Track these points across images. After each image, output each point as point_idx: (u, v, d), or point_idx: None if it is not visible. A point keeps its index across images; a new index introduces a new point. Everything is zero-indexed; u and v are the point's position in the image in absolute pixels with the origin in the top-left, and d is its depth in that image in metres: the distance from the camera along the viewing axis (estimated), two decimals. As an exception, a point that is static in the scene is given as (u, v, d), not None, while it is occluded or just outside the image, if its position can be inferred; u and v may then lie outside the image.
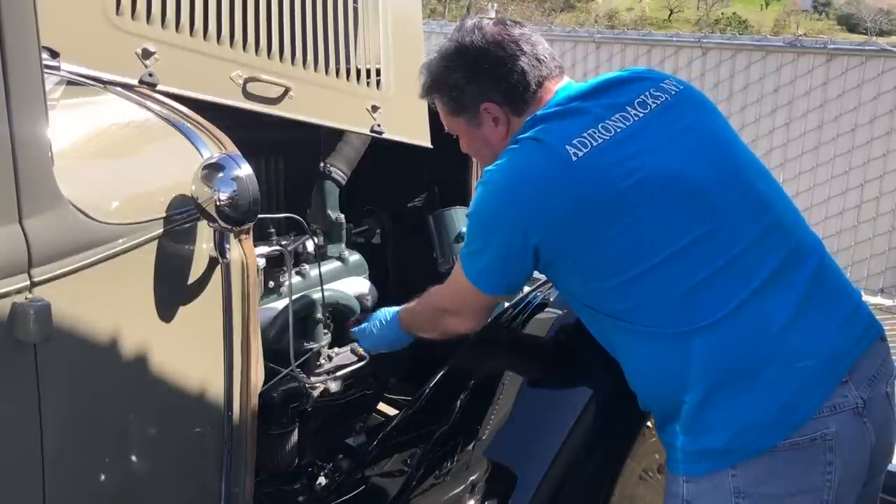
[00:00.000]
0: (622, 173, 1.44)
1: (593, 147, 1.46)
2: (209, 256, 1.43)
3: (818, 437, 1.39)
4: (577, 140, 1.46)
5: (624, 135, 1.48)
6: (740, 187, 1.50)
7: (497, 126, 1.62)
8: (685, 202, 1.45)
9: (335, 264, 2.10)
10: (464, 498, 1.69)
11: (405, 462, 1.87)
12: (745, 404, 1.39)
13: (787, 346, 1.40)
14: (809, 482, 1.40)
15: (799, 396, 1.39)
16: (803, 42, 5.61)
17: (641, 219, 1.43)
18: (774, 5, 46.41)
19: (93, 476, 1.32)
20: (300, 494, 1.97)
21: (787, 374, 1.39)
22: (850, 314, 1.48)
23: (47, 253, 1.16)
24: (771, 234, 1.48)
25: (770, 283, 1.42)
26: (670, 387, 1.45)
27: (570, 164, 1.44)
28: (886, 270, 5.30)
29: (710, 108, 1.62)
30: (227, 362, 1.47)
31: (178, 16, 1.61)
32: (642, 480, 1.94)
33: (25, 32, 1.10)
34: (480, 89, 1.60)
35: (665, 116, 1.53)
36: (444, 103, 1.67)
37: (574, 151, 1.45)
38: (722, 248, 1.43)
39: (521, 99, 1.59)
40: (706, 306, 1.41)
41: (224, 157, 1.36)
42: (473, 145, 1.71)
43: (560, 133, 1.49)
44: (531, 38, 1.61)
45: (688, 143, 1.51)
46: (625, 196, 1.44)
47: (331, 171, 2.07)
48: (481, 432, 1.80)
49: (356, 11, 1.96)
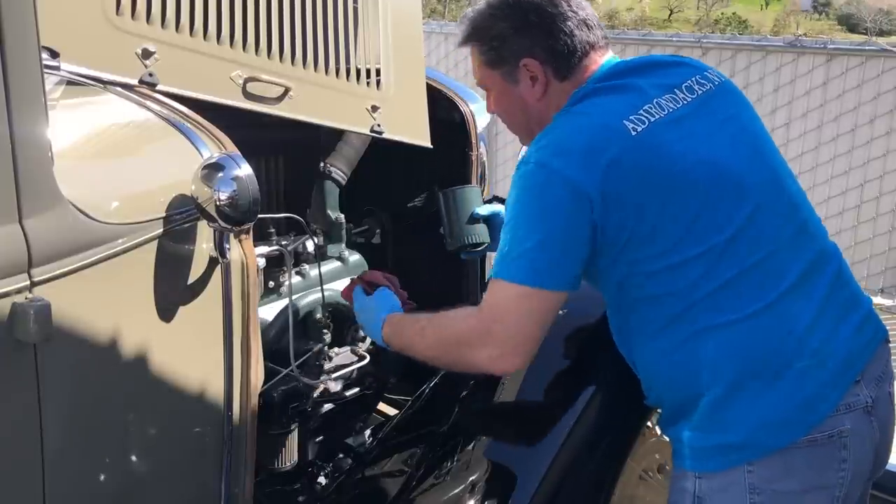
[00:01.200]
0: (679, 152, 1.42)
1: (651, 123, 1.42)
2: (209, 256, 1.43)
3: (835, 434, 1.41)
4: (634, 116, 1.42)
5: (675, 116, 1.45)
6: (776, 185, 1.50)
7: (534, 86, 1.55)
8: (729, 194, 1.43)
9: (335, 264, 2.10)
10: (464, 498, 1.69)
11: (405, 462, 1.87)
12: (767, 401, 1.40)
13: (810, 347, 1.41)
14: (824, 479, 1.42)
15: (818, 395, 1.41)
16: (803, 42, 5.61)
17: (693, 203, 1.41)
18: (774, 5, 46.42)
19: (93, 476, 1.32)
20: (300, 494, 1.97)
21: (808, 373, 1.40)
22: (864, 317, 1.51)
23: (47, 253, 1.16)
24: (801, 235, 1.49)
25: (798, 284, 1.44)
26: (691, 381, 1.44)
27: (630, 138, 1.40)
28: (886, 270, 5.30)
29: (747, 104, 1.61)
30: (227, 362, 1.47)
31: (178, 16, 1.61)
32: (642, 480, 1.95)
33: (25, 32, 1.10)
34: (524, 43, 1.54)
35: (710, 104, 1.51)
36: (482, 53, 1.60)
37: (633, 126, 1.41)
38: (757, 245, 1.43)
39: (565, 62, 1.53)
40: (737, 302, 1.41)
41: (224, 156, 1.36)
42: (504, 103, 1.62)
43: (615, 107, 1.44)
44: (581, 2, 1.57)
45: (731, 135, 1.49)
46: (684, 175, 1.41)
47: (331, 171, 2.07)
48: (481, 432, 1.80)
49: (356, 11, 1.96)
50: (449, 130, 2.21)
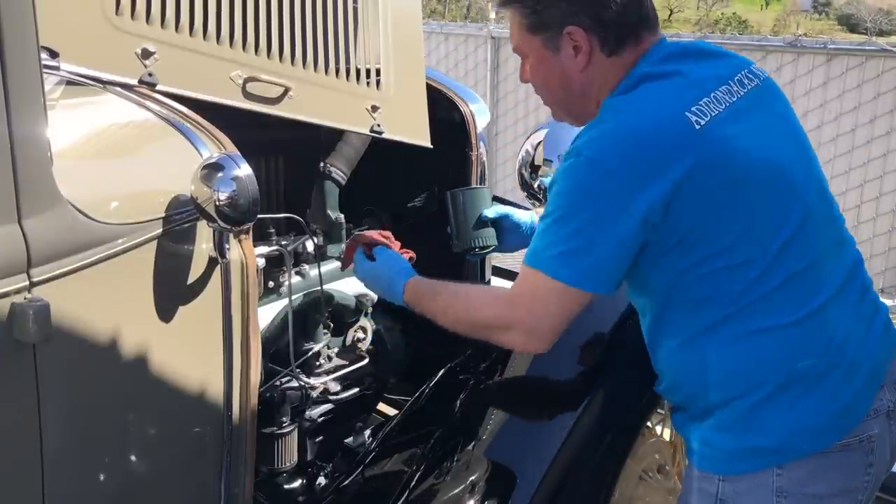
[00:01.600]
0: (741, 148, 1.35)
1: (713, 117, 1.35)
2: (209, 256, 1.43)
3: (864, 438, 1.41)
4: (695, 108, 1.34)
5: (732, 110, 1.38)
6: (821, 189, 1.47)
7: (577, 56, 1.43)
8: (784, 195, 1.39)
9: (335, 264, 2.10)
10: (464, 498, 1.69)
11: (405, 462, 1.87)
12: (805, 407, 1.38)
13: (847, 355, 1.41)
14: (851, 483, 1.42)
15: (853, 401, 1.41)
16: (803, 42, 5.61)
17: (754, 203, 1.36)
18: (774, 5, 46.40)
19: (92, 476, 1.32)
20: (300, 494, 1.97)
21: (845, 380, 1.40)
22: (885, 323, 1.51)
23: (46, 253, 1.16)
24: (841, 246, 1.48)
25: (838, 292, 1.42)
26: (730, 384, 1.40)
27: (694, 132, 1.32)
28: (886, 270, 5.30)
29: (788, 103, 1.55)
30: (227, 362, 1.47)
31: (177, 16, 1.61)
32: (642, 480, 1.95)
33: (25, 32, 1.10)
34: (571, 9, 1.42)
35: (761, 100, 1.45)
36: (523, 16, 1.47)
37: (696, 120, 1.33)
38: (806, 249, 1.40)
39: (613, 35, 1.42)
40: (785, 307, 1.38)
41: (223, 156, 1.36)
42: (542, 73, 1.49)
43: (676, 98, 1.36)
44: None
45: (782, 134, 1.45)
46: (746, 173, 1.35)
47: (331, 171, 2.07)
48: (481, 432, 1.80)
49: (356, 11, 1.96)
50: (449, 130, 2.21)
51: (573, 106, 1.51)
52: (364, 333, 2.02)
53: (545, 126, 2.41)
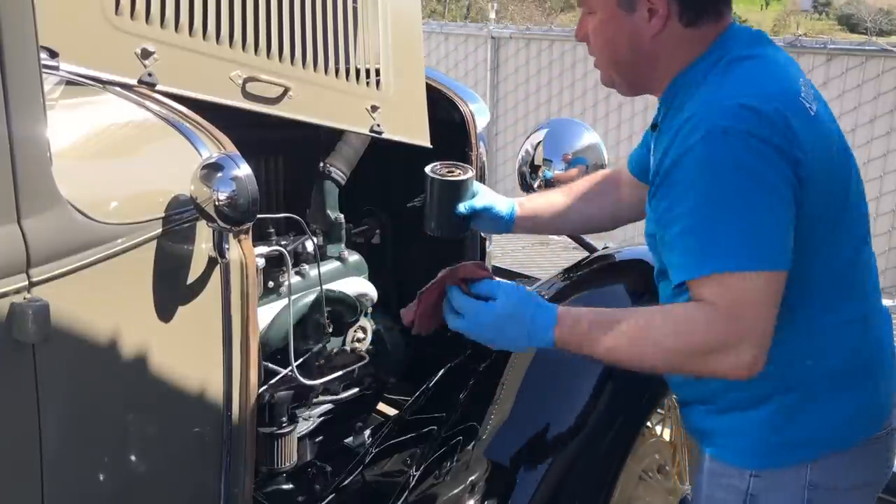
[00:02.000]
0: (835, 134, 1.35)
1: (815, 105, 1.31)
2: (208, 256, 1.43)
3: (891, 430, 1.43)
4: (803, 93, 1.30)
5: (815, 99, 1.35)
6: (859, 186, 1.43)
7: (652, 20, 1.35)
8: (851, 187, 1.39)
9: (335, 264, 2.10)
10: (464, 498, 1.69)
11: (405, 462, 1.86)
12: (850, 401, 1.38)
13: (884, 350, 1.43)
14: (874, 475, 1.44)
15: (887, 396, 1.43)
16: (803, 42, 5.60)
17: (836, 193, 1.34)
18: (774, 5, 46.39)
19: (91, 476, 1.32)
20: (300, 494, 1.97)
21: (885, 375, 1.43)
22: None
23: (46, 253, 1.16)
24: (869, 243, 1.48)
25: (876, 288, 1.46)
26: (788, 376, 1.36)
27: (812, 117, 1.28)
28: (886, 270, 5.29)
29: None
30: (226, 362, 1.47)
31: (177, 15, 1.61)
32: (642, 480, 1.94)
33: (24, 32, 1.10)
34: None
35: (819, 101, 1.39)
36: None
37: (809, 106, 1.29)
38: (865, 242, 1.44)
39: (693, 5, 1.34)
40: (850, 302, 1.39)
41: (223, 156, 1.36)
42: (608, 31, 1.39)
43: (790, 79, 1.32)
44: None
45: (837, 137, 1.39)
46: (840, 163, 1.35)
47: (330, 171, 2.07)
48: (481, 432, 1.80)
49: (356, 11, 1.96)
50: (449, 130, 2.20)
51: (637, 72, 1.43)
52: (364, 333, 2.02)
53: (545, 126, 2.41)
